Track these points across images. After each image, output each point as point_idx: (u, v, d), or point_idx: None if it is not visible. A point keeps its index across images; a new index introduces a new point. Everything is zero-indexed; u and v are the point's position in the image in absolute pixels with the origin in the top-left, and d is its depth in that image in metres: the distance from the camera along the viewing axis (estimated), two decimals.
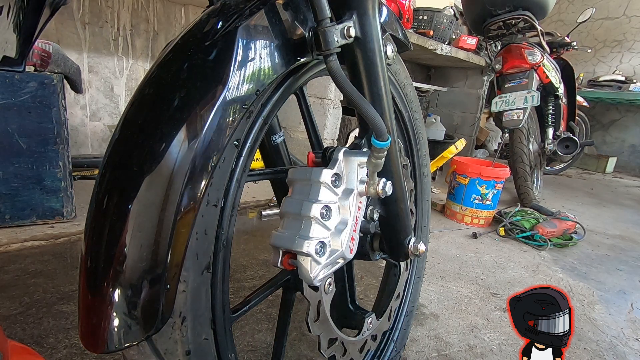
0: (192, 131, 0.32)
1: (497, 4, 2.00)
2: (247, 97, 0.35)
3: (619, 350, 0.99)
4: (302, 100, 0.57)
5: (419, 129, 0.77)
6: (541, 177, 2.50)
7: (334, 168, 0.41)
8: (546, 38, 2.23)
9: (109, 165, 0.32)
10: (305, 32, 0.40)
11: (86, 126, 1.85)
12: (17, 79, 1.08)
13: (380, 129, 0.41)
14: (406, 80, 0.72)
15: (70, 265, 1.08)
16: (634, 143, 4.42)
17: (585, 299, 1.27)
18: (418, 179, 0.79)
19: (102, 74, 1.84)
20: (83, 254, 0.32)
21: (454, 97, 3.27)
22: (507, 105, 2.02)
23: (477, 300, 1.17)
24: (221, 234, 0.39)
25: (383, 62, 0.46)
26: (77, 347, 0.77)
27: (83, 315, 0.32)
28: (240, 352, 0.82)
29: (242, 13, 0.35)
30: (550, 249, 1.67)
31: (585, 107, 3.19)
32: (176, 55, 0.34)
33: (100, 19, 1.75)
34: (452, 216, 1.95)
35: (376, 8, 0.44)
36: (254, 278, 1.13)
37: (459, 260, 1.46)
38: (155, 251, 0.31)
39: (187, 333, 0.37)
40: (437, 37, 2.43)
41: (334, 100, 1.95)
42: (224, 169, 0.38)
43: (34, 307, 0.88)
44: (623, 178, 4.08)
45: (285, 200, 0.42)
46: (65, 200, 1.24)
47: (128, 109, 0.34)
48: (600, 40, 4.46)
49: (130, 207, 0.31)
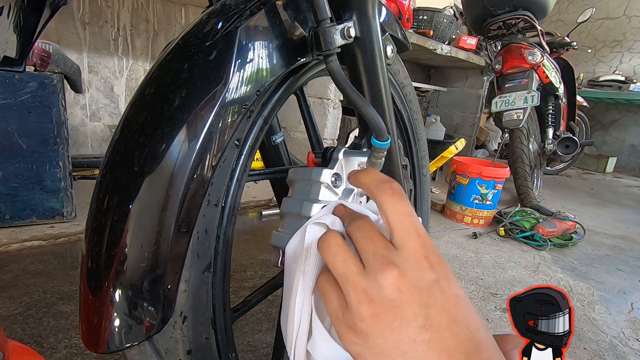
0: (193, 131, 0.32)
1: (497, 4, 2.00)
2: (248, 97, 0.35)
3: (619, 350, 0.99)
4: (302, 100, 0.57)
5: (418, 129, 0.77)
6: (541, 177, 2.50)
7: (334, 168, 0.41)
8: (546, 38, 2.23)
9: (110, 166, 0.32)
10: (305, 33, 0.41)
11: (86, 126, 1.85)
12: (17, 79, 1.08)
13: (380, 129, 0.41)
14: (405, 81, 0.72)
15: (70, 265, 1.08)
16: (634, 143, 4.42)
17: (585, 299, 1.27)
18: (418, 179, 0.79)
19: (102, 74, 1.84)
20: (84, 254, 0.32)
21: (454, 97, 3.27)
22: (507, 105, 2.02)
23: (477, 300, 1.17)
24: (222, 234, 0.39)
25: (383, 62, 0.46)
26: (77, 347, 0.77)
27: (84, 315, 0.32)
28: (240, 352, 0.82)
29: (242, 13, 0.35)
30: (550, 249, 1.67)
31: (585, 107, 3.19)
32: (176, 56, 0.34)
33: (100, 19, 1.75)
34: (452, 216, 1.96)
35: (376, 8, 0.44)
36: (254, 278, 1.13)
37: (458, 260, 1.46)
38: (156, 251, 0.31)
39: (188, 333, 0.37)
40: (437, 37, 2.44)
41: (334, 100, 1.95)
42: (224, 168, 0.38)
43: (34, 307, 0.88)
44: (623, 178, 4.08)
45: (285, 200, 0.42)
46: (65, 200, 1.24)
47: (128, 109, 0.34)
48: (600, 40, 4.46)
49: (131, 207, 0.31)
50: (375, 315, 0.23)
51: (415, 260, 0.24)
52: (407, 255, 0.24)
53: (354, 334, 0.24)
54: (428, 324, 0.22)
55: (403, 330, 0.23)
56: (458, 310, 0.23)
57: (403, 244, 0.24)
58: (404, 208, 0.26)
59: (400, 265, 0.24)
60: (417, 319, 0.23)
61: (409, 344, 0.22)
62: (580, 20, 2.42)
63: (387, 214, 0.26)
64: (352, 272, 0.24)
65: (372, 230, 0.26)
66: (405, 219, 0.25)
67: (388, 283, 0.23)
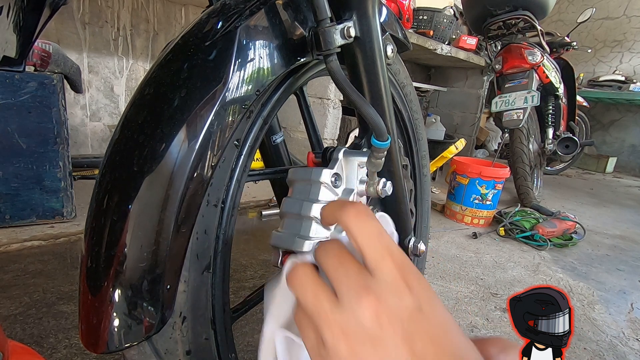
0: (193, 131, 0.32)
1: (497, 4, 2.00)
2: (247, 97, 0.35)
3: (619, 350, 0.99)
4: (302, 100, 0.57)
5: (418, 129, 0.77)
6: (541, 177, 2.50)
7: (334, 168, 0.41)
8: (546, 38, 2.23)
9: (109, 165, 0.32)
10: (305, 32, 0.40)
11: (86, 126, 1.85)
12: (17, 79, 1.08)
13: (380, 129, 0.41)
14: (406, 80, 0.72)
15: (70, 265, 1.08)
16: (634, 143, 4.42)
17: (585, 299, 1.27)
18: (418, 179, 0.79)
19: (102, 74, 1.84)
20: (83, 254, 0.32)
21: (454, 97, 3.27)
22: (507, 105, 2.02)
23: (477, 300, 1.17)
24: (221, 234, 0.39)
25: (383, 62, 0.46)
26: (77, 347, 0.77)
27: (83, 315, 0.32)
28: (240, 352, 0.82)
29: (242, 13, 0.35)
30: (550, 249, 1.67)
31: (585, 107, 3.19)
32: (176, 56, 0.34)
33: (100, 19, 1.75)
34: (452, 216, 1.95)
35: (376, 8, 0.43)
36: (254, 278, 1.13)
37: (459, 260, 1.46)
38: (156, 251, 0.31)
39: (188, 333, 0.37)
40: (437, 37, 2.43)
41: (334, 100, 1.95)
42: (224, 168, 0.38)
43: (34, 307, 0.88)
44: (623, 178, 4.08)
45: (285, 200, 0.41)
46: (65, 200, 1.24)
47: (128, 109, 0.34)
48: (600, 40, 4.46)
49: (130, 207, 0.31)
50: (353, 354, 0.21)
51: (392, 284, 0.22)
52: (384, 279, 0.22)
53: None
54: (413, 358, 0.20)
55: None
56: (445, 338, 0.21)
57: (377, 268, 0.22)
58: (372, 228, 0.23)
59: (377, 291, 0.22)
60: (400, 354, 0.20)
61: None
62: (580, 20, 2.41)
63: (355, 237, 0.23)
64: (324, 309, 0.22)
65: (342, 255, 0.24)
66: (374, 239, 0.23)
67: (365, 314, 0.21)
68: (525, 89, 1.98)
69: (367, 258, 0.23)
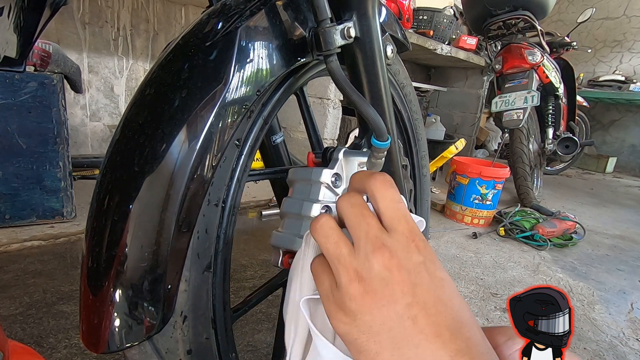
0: (193, 131, 0.32)
1: (497, 4, 2.00)
2: (248, 97, 0.35)
3: (619, 350, 1.00)
4: (302, 100, 0.57)
5: (418, 129, 0.77)
6: (541, 177, 2.50)
7: (334, 168, 0.41)
8: (546, 38, 2.23)
9: (110, 166, 0.32)
10: (306, 33, 0.41)
11: (86, 126, 1.85)
12: (17, 79, 1.08)
13: (380, 129, 0.41)
14: (405, 81, 0.72)
15: (70, 265, 1.08)
16: (634, 143, 4.42)
17: (585, 299, 1.27)
18: (418, 179, 0.79)
19: (102, 74, 1.84)
20: (84, 254, 0.32)
21: (454, 97, 3.27)
22: (507, 105, 2.02)
23: (477, 300, 1.17)
24: (222, 234, 0.39)
25: (383, 62, 0.46)
26: (77, 347, 0.77)
27: (84, 315, 0.32)
28: (240, 352, 0.82)
29: (242, 14, 0.35)
30: (550, 249, 1.67)
31: (585, 107, 3.19)
32: (177, 56, 0.34)
33: (100, 19, 1.75)
34: (452, 216, 1.96)
35: (376, 8, 0.44)
36: (254, 278, 1.13)
37: (458, 260, 1.46)
38: (157, 251, 0.31)
39: (189, 332, 0.37)
40: (437, 37, 2.44)
41: (334, 100, 1.95)
42: (224, 168, 0.38)
43: (34, 307, 0.88)
44: (623, 178, 4.08)
45: (285, 200, 0.42)
46: (65, 200, 1.24)
47: (129, 109, 0.34)
48: (600, 40, 4.46)
49: (131, 207, 0.31)
50: (364, 293, 0.24)
51: (404, 242, 0.25)
52: (397, 238, 0.25)
53: (343, 313, 0.25)
54: (415, 302, 0.24)
55: (391, 308, 0.24)
56: (443, 291, 0.25)
57: (393, 228, 0.26)
58: (393, 195, 0.27)
59: (391, 246, 0.25)
60: (404, 297, 0.24)
61: (395, 320, 0.23)
62: (580, 20, 2.41)
63: (377, 200, 0.26)
64: (343, 254, 0.25)
65: (365, 209, 0.27)
66: (394, 204, 0.26)
67: (379, 263, 0.24)
68: (525, 89, 1.98)
69: (385, 219, 0.26)
